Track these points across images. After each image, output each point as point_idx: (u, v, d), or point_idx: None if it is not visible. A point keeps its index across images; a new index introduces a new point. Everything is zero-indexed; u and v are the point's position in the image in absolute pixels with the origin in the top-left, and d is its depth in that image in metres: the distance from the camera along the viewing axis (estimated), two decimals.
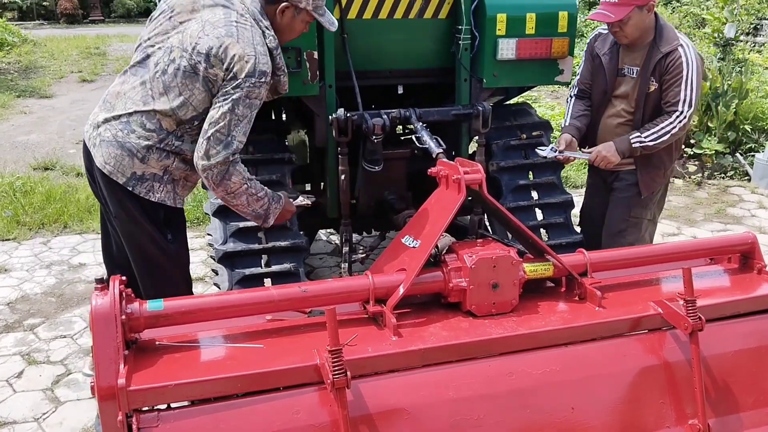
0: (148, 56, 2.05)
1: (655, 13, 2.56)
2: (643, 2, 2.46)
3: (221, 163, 1.95)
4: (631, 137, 2.60)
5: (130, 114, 2.02)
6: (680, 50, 2.51)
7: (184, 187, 2.17)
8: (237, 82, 1.91)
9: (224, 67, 1.91)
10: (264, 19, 2.01)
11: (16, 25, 13.95)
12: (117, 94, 2.09)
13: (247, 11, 1.99)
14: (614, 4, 2.48)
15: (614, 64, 2.68)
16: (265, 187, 2.13)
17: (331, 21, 2.15)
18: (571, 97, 2.90)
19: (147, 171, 2.03)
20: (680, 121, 2.52)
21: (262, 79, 1.94)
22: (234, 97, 1.92)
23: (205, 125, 1.96)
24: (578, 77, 2.87)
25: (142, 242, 2.13)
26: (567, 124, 2.80)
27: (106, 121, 2.06)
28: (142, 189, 2.04)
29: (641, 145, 2.58)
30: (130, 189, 2.04)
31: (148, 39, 2.08)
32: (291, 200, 2.26)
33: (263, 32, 1.99)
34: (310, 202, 2.35)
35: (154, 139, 2.01)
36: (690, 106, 2.51)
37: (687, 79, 2.49)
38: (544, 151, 2.70)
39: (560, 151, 2.67)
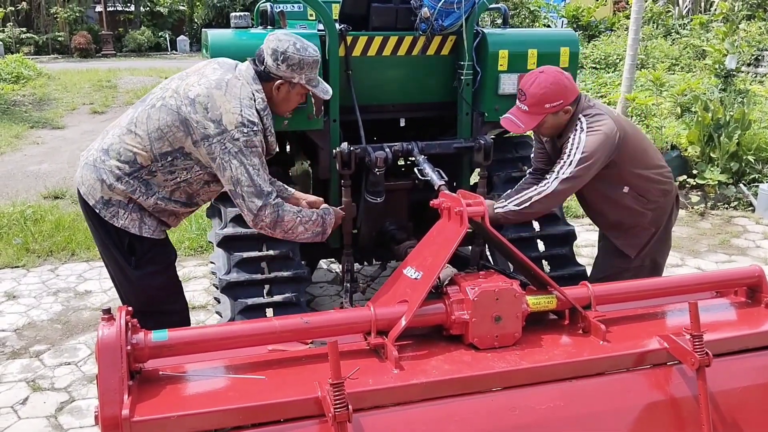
0: (149, 94, 2.21)
1: (578, 98, 2.34)
2: (556, 110, 2.29)
3: (264, 208, 2.06)
4: (496, 206, 2.35)
5: (112, 143, 2.14)
6: (572, 135, 2.32)
7: (161, 220, 2.21)
8: (230, 134, 2.00)
9: (209, 116, 2.01)
10: (255, 83, 2.10)
11: (32, 59, 14.30)
12: (114, 124, 2.24)
13: (241, 77, 2.11)
14: (526, 112, 2.30)
15: (557, 147, 2.48)
16: (313, 211, 2.24)
17: (325, 90, 2.21)
18: (528, 173, 2.74)
19: (113, 197, 2.13)
20: (542, 192, 2.29)
21: (254, 128, 2.03)
22: (235, 150, 2.01)
23: (229, 189, 2.07)
24: (533, 155, 2.71)
25: (108, 263, 2.26)
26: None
27: (97, 147, 2.20)
28: (107, 213, 2.14)
29: (505, 212, 2.34)
30: (97, 212, 2.15)
31: (160, 84, 2.24)
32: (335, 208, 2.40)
33: (253, 93, 2.08)
34: (343, 213, 2.48)
35: (125, 170, 2.11)
36: (558, 179, 2.27)
37: (569, 154, 2.29)
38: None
39: None
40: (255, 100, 2.07)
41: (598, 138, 2.28)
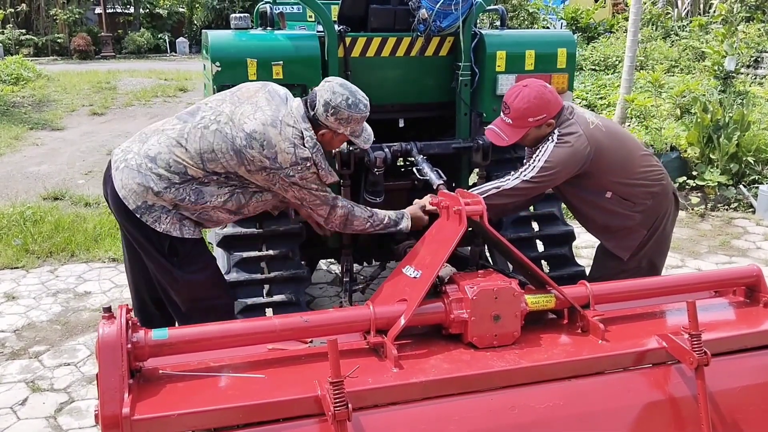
0: (198, 109, 2.22)
1: (561, 109, 2.35)
2: (539, 123, 2.31)
3: (332, 212, 2.26)
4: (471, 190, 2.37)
5: (160, 152, 2.14)
6: (543, 143, 2.34)
7: (199, 222, 2.25)
8: (285, 171, 2.12)
9: (264, 153, 2.09)
10: (305, 122, 2.15)
11: (31, 60, 14.31)
12: (155, 130, 2.23)
13: (293, 113, 2.16)
14: (510, 125, 2.33)
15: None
16: (387, 215, 2.36)
17: (366, 139, 2.27)
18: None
19: (157, 203, 2.14)
20: (501, 186, 2.33)
21: (307, 164, 2.13)
22: (293, 181, 2.15)
23: (295, 204, 2.27)
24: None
25: (152, 267, 2.26)
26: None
27: (138, 151, 2.19)
28: (150, 218, 2.15)
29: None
30: (138, 216, 2.15)
31: (206, 101, 2.26)
32: (418, 210, 2.43)
33: (302, 132, 2.14)
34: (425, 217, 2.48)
35: (175, 180, 2.13)
36: (519, 179, 2.32)
37: (534, 160, 2.32)
38: None
39: None
40: (304, 139, 2.13)
41: (564, 152, 2.29)
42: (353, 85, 2.19)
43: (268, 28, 2.73)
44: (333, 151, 2.35)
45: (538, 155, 2.33)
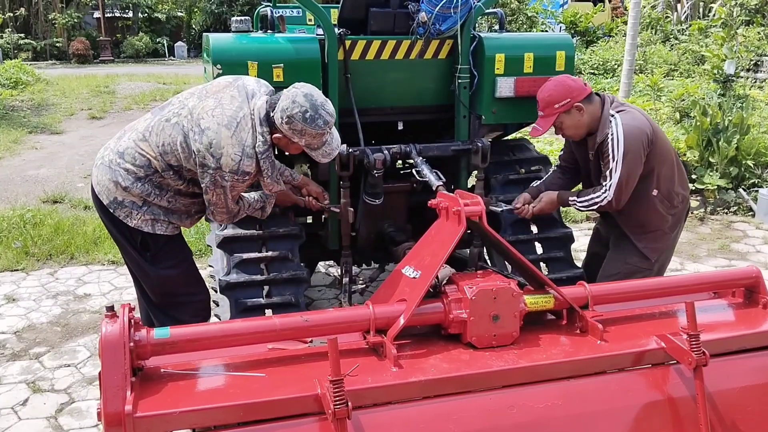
0: (169, 103, 2.26)
1: (603, 99, 2.54)
2: (566, 108, 2.48)
3: (227, 219, 2.33)
4: (570, 197, 2.65)
5: (127, 147, 2.21)
6: (609, 132, 2.46)
7: (173, 222, 2.29)
8: (221, 173, 2.11)
9: (211, 151, 2.08)
10: (263, 125, 2.14)
11: (30, 64, 14.34)
12: (131, 127, 2.30)
13: (254, 114, 2.14)
14: (542, 117, 2.55)
15: (584, 151, 2.66)
16: (256, 196, 2.39)
17: (325, 154, 2.18)
18: (554, 167, 2.93)
19: (127, 198, 2.21)
20: (604, 198, 2.49)
21: (245, 177, 2.14)
22: (223, 185, 2.14)
23: (206, 200, 2.23)
24: (561, 154, 2.88)
25: (125, 258, 2.35)
26: (535, 185, 2.81)
27: (112, 148, 2.26)
28: (121, 213, 2.23)
29: (574, 206, 2.63)
30: (111, 211, 2.23)
31: (179, 95, 2.30)
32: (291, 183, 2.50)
33: (256, 137, 2.13)
34: (338, 210, 2.60)
35: (139, 174, 2.19)
36: (612, 185, 2.45)
37: (614, 155, 2.44)
38: (497, 208, 2.76)
39: (510, 207, 2.72)
40: (256, 142, 2.12)
41: (633, 131, 2.43)
42: (321, 98, 2.11)
43: (269, 31, 2.74)
44: (327, 161, 2.32)
45: (612, 151, 2.43)
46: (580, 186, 2.83)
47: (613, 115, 2.48)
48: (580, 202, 2.59)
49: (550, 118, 2.51)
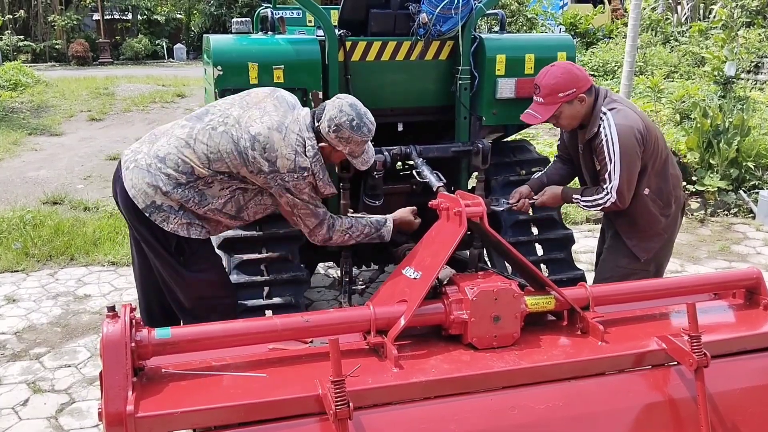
0: (207, 112, 2.26)
1: (597, 92, 2.46)
2: (570, 98, 2.39)
3: (319, 227, 2.28)
4: (574, 194, 2.60)
5: (169, 153, 2.19)
6: (601, 129, 2.42)
7: (206, 227, 2.28)
8: (281, 175, 2.14)
9: (265, 155, 2.12)
10: (309, 132, 2.18)
11: (29, 66, 14.32)
12: (164, 132, 2.28)
13: (299, 122, 2.19)
14: (542, 104, 2.42)
15: (574, 141, 2.62)
16: (368, 222, 2.38)
17: (363, 162, 2.28)
18: (554, 158, 2.89)
19: (165, 203, 2.19)
20: (606, 199, 2.45)
21: (304, 174, 2.16)
22: (286, 187, 2.17)
23: (286, 211, 2.27)
24: (558, 144, 2.84)
25: (157, 265, 2.30)
26: (537, 176, 2.79)
27: (147, 151, 2.24)
28: (158, 217, 2.21)
29: (578, 204, 2.59)
30: (147, 215, 2.20)
31: (215, 104, 2.30)
32: (408, 214, 2.49)
33: (304, 143, 2.17)
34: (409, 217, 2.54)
35: (182, 180, 2.18)
36: (614, 187, 2.41)
37: (610, 157, 2.39)
38: (499, 206, 2.72)
39: (511, 204, 2.68)
40: (306, 148, 2.15)
41: (626, 131, 2.38)
42: (364, 108, 2.21)
43: (269, 32, 2.75)
44: (365, 168, 2.36)
45: (608, 153, 2.38)
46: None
47: (604, 113, 2.42)
48: (583, 201, 2.55)
49: (551, 107, 2.40)
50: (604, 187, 2.46)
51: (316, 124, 2.18)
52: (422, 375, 1.57)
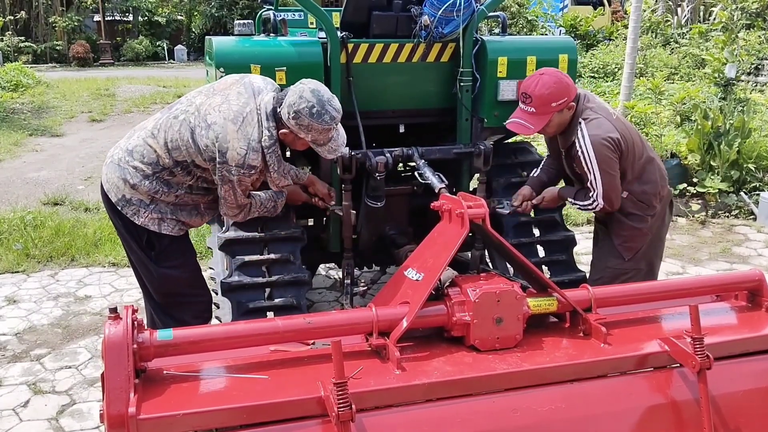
0: (178, 102, 2.29)
1: (578, 95, 2.45)
2: (561, 107, 2.38)
3: (238, 215, 2.33)
4: (569, 196, 2.61)
5: (136, 145, 2.24)
6: (576, 141, 2.41)
7: (182, 221, 2.31)
8: (228, 167, 2.13)
9: (217, 145, 2.11)
10: (270, 120, 2.15)
11: (30, 67, 14.33)
12: (141, 126, 2.34)
13: (260, 109, 2.16)
14: (533, 114, 2.38)
15: (555, 145, 2.63)
16: (267, 194, 2.40)
17: (330, 150, 2.20)
18: (546, 155, 2.88)
19: (135, 197, 2.24)
20: (596, 205, 2.46)
21: (251, 171, 2.16)
22: (230, 179, 2.16)
23: (219, 196, 2.27)
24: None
25: (129, 256, 2.38)
26: (535, 175, 2.79)
27: (122, 146, 2.30)
28: (129, 211, 2.26)
29: (573, 206, 2.61)
30: (119, 209, 2.26)
31: (188, 93, 2.33)
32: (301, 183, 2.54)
33: (262, 131, 2.14)
34: (341, 213, 2.63)
35: (147, 171, 2.22)
36: (599, 194, 2.43)
37: (589, 168, 2.40)
38: (504, 209, 2.72)
39: (515, 207, 2.69)
40: (262, 137, 2.13)
41: (599, 142, 2.37)
42: (328, 94, 2.13)
43: (271, 34, 2.75)
44: (333, 158, 2.35)
45: (586, 164, 2.39)
46: None
47: (579, 122, 2.40)
48: (576, 204, 2.57)
49: (544, 117, 2.37)
50: (589, 195, 2.48)
51: (278, 110, 2.13)
52: (425, 377, 1.57)
